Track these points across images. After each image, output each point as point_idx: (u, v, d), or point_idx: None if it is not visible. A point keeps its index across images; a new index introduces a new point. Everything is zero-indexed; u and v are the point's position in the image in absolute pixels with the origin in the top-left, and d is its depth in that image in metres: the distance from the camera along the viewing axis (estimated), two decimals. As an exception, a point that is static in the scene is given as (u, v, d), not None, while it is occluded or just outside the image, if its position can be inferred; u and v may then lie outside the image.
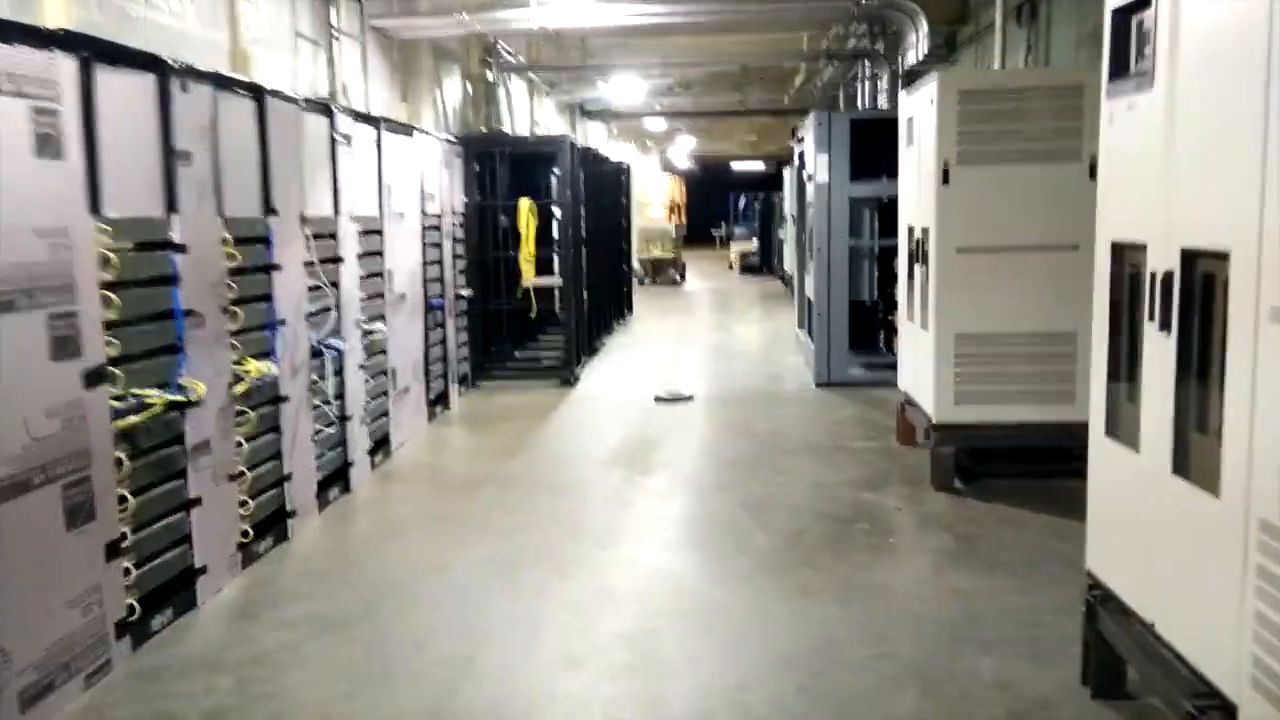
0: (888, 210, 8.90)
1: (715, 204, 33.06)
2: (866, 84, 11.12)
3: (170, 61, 4.02)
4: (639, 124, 21.97)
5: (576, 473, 6.30)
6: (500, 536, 5.04)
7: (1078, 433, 3.48)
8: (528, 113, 12.98)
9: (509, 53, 10.82)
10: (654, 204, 21.84)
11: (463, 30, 8.25)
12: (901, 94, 6.56)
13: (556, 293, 9.43)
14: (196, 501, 4.17)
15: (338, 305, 5.73)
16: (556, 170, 9.55)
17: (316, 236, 5.45)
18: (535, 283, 9.34)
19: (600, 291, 11.79)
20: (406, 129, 7.23)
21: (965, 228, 5.56)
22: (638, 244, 20.95)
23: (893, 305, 8.93)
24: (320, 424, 5.47)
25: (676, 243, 21.62)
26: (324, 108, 5.63)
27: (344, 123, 5.85)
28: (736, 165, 35.61)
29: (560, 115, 15.66)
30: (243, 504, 4.56)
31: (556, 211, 9.57)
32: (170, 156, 4.02)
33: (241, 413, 4.57)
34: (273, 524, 4.91)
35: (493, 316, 9.70)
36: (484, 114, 10.61)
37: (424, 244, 7.60)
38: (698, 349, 11.85)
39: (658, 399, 8.50)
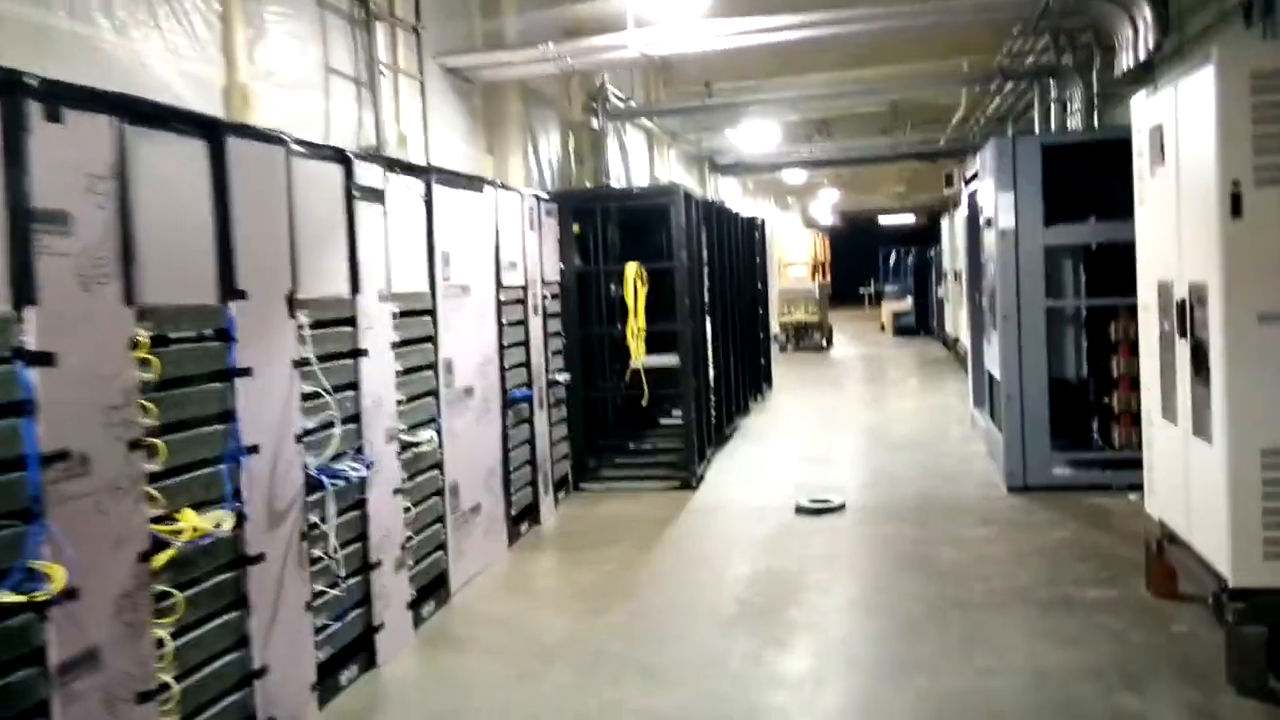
0: (1096, 261, 6.88)
1: (862, 260, 30.92)
2: (1052, 109, 9.09)
3: (25, 78, 2.64)
4: (776, 178, 20.35)
5: (684, 640, 4.53)
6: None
7: None
8: (647, 167, 11.55)
9: (619, 97, 9.41)
10: (795, 263, 20.03)
11: (551, 66, 6.86)
12: (1137, 98, 4.65)
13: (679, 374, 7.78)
14: (62, 753, 2.67)
15: (356, 414, 4.25)
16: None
17: (320, 325, 4.00)
18: (647, 363, 7.71)
19: (732, 367, 10.07)
20: (473, 182, 5.80)
21: (1272, 283, 3.58)
22: (778, 307, 19.15)
23: (1107, 384, 6.84)
24: (325, 584, 3.94)
25: (821, 304, 19.69)
26: (336, 154, 4.22)
27: (368, 173, 4.43)
28: (884, 219, 33.47)
29: (688, 171, 14.20)
30: (165, 734, 3.05)
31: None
32: (22, 220, 2.61)
33: (165, 595, 3.07)
34: (231, 748, 3.38)
35: (598, 405, 8.13)
36: (590, 169, 9.20)
37: (500, 323, 6.12)
38: (849, 434, 9.90)
39: (799, 510, 6.66)
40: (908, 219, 33.38)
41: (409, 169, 5.00)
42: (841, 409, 11.70)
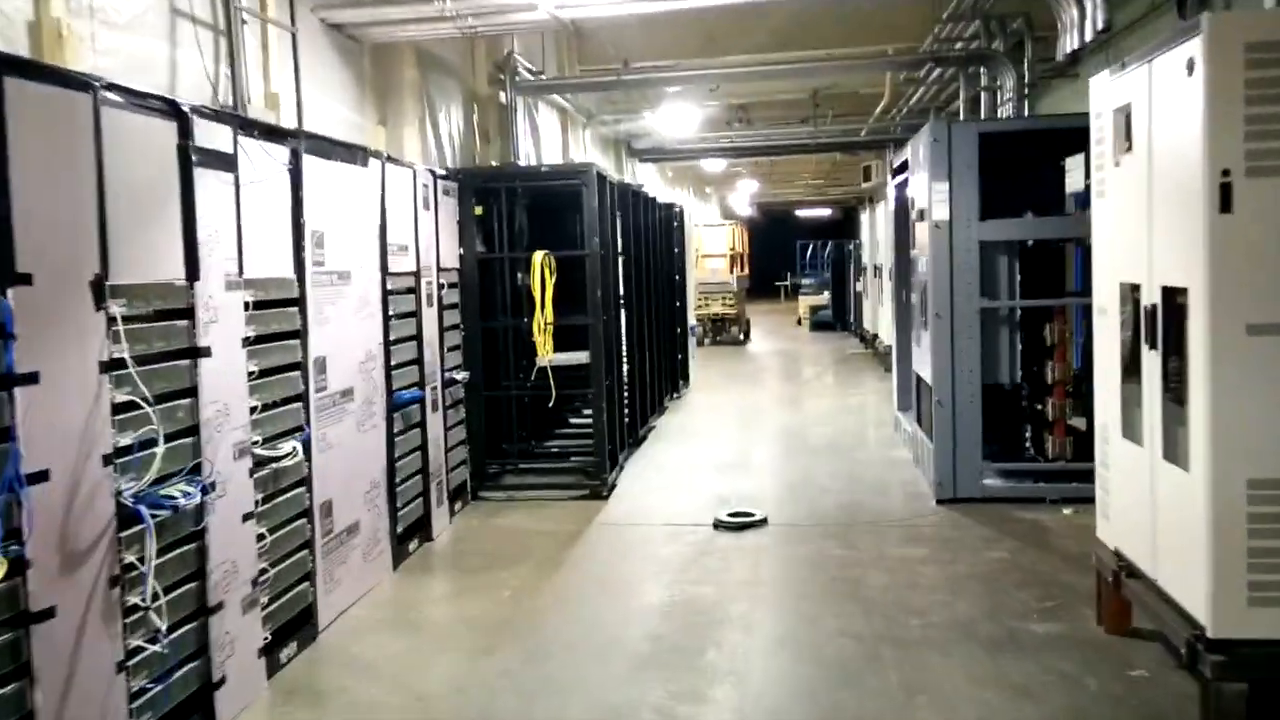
0: (1031, 260, 6.50)
1: (779, 253, 30.72)
2: (982, 98, 8.72)
3: None
4: (695, 167, 19.84)
5: (587, 690, 3.90)
6: None
7: None
8: (560, 149, 10.85)
9: (529, 70, 8.69)
10: (713, 254, 19.55)
11: (450, 27, 6.11)
12: (1098, 79, 4.18)
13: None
14: None
15: (194, 426, 3.50)
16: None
17: (141, 318, 3.25)
18: (554, 360, 7.06)
19: (648, 363, 9.48)
20: (354, 153, 5.05)
21: (1267, 288, 3.13)
22: (695, 299, 18.66)
23: (1041, 390, 6.47)
24: (143, 639, 3.19)
25: (739, 297, 19.26)
26: (168, 107, 3.44)
27: (212, 133, 3.66)
28: (801, 212, 33.40)
29: (604, 155, 13.51)
30: None
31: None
32: None
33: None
34: None
35: (501, 405, 7.43)
36: (497, 148, 8.47)
37: (387, 315, 5.39)
38: (769, 435, 9.41)
39: (718, 524, 6.10)
40: (825, 212, 33.41)
41: (271, 132, 4.23)
42: (761, 408, 11.23)
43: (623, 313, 8.47)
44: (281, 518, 4.20)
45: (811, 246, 26.37)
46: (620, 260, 8.56)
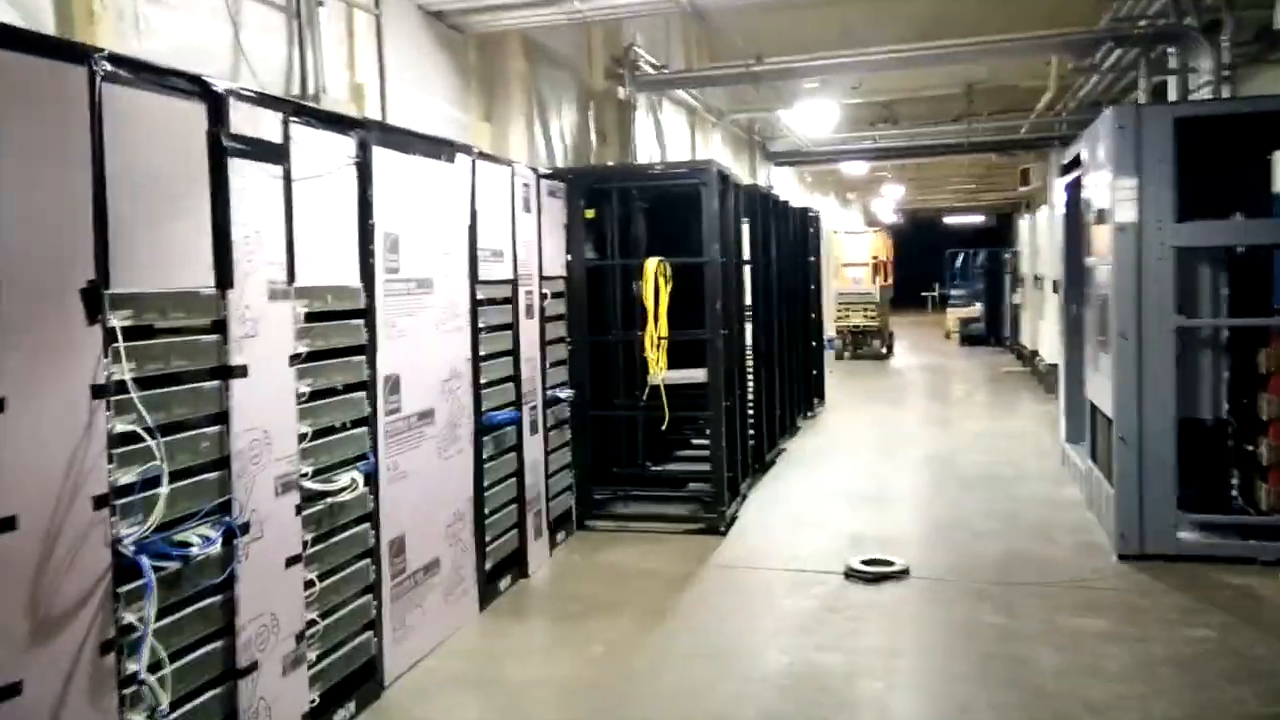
0: (1242, 270, 5.40)
1: (926, 262, 29.09)
2: (1171, 83, 7.55)
3: None
4: (836, 171, 18.84)
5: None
6: None
7: None
8: (687, 152, 10.19)
9: (651, 64, 8.08)
10: (854, 263, 18.47)
11: (559, 14, 5.55)
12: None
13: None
14: None
15: (223, 459, 3.00)
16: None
17: (153, 332, 2.76)
18: (669, 378, 6.38)
19: (777, 380, 8.69)
20: (438, 147, 4.51)
21: None
22: (834, 311, 17.65)
23: (1253, 427, 5.35)
24: (143, 715, 2.68)
25: (882, 308, 18.09)
26: (195, 85, 2.95)
27: (253, 118, 3.16)
28: (949, 218, 31.69)
29: (735, 158, 12.79)
30: None
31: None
32: None
33: None
34: None
35: (612, 426, 6.81)
36: (615, 149, 7.89)
37: (476, 328, 4.84)
38: (911, 463, 8.45)
39: (850, 573, 5.27)
40: (976, 219, 31.58)
41: (332, 120, 3.72)
42: (903, 430, 10.23)
43: (753, 324, 7.74)
44: (338, 559, 3.68)
45: (962, 255, 24.71)
46: (748, 268, 7.84)
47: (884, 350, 17.86)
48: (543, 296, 5.76)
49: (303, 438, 3.43)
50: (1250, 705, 3.63)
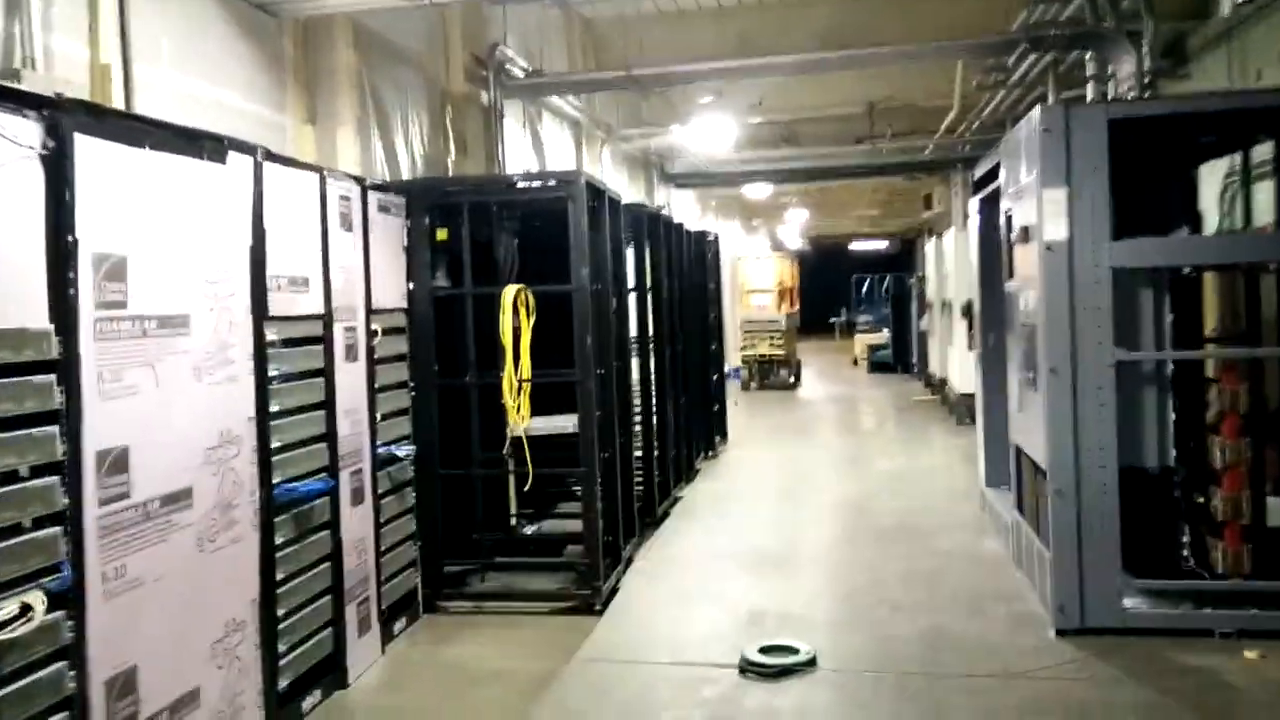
0: (1186, 295, 4.70)
1: (833, 288, 28.77)
2: (1090, 88, 6.94)
3: None
4: (739, 195, 18.18)
5: None
6: None
7: None
8: (573, 169, 9.25)
9: (524, 69, 7.12)
10: (760, 289, 17.77)
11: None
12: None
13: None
14: None
15: None
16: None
17: None
18: (532, 428, 5.38)
19: (671, 421, 7.76)
20: (194, 142, 3.42)
21: None
22: (739, 340, 16.91)
23: (1204, 476, 4.62)
24: None
25: (789, 336, 17.41)
26: None
27: None
28: (855, 245, 31.56)
29: (631, 180, 11.91)
30: None
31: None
32: None
33: None
34: None
35: (472, 484, 5.74)
36: (480, 162, 6.88)
37: (262, 376, 3.76)
38: (820, 511, 7.60)
39: (746, 667, 4.32)
40: (881, 244, 31.51)
41: (7, 96, 2.64)
42: (811, 471, 9.40)
43: (634, 361, 6.81)
44: (8, 723, 2.56)
45: (868, 281, 24.43)
46: (634, 296, 6.92)
47: (792, 380, 17.17)
48: (372, 334, 4.71)
49: (-69, 554, 2.33)
50: None
